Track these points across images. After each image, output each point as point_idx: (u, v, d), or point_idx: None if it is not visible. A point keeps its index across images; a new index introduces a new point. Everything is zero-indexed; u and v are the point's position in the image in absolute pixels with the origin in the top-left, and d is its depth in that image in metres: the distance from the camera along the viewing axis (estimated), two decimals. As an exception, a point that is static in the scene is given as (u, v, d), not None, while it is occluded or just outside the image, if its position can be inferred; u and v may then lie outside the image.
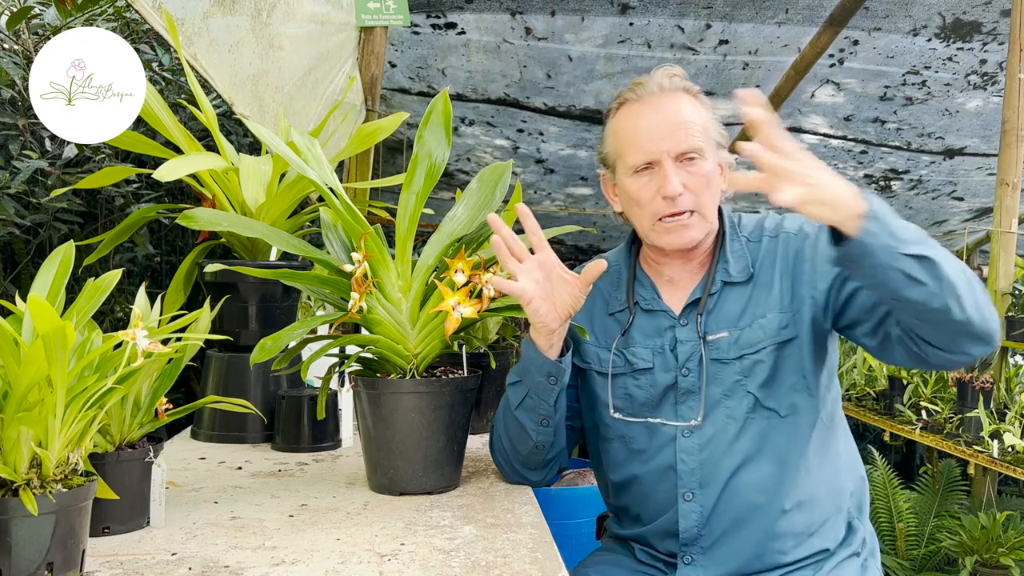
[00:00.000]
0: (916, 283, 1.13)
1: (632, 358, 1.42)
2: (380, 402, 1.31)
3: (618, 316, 1.46)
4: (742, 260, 1.42)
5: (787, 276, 1.39)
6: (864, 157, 4.35)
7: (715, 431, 1.36)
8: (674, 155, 1.35)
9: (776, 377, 1.36)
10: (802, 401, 1.36)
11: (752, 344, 1.36)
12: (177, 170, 1.37)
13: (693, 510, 1.36)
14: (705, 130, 1.37)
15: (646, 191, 1.37)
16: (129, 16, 2.65)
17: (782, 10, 3.16)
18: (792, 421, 1.36)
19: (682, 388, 1.38)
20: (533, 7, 3.14)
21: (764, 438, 1.35)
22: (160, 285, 2.73)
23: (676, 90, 1.39)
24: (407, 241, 1.35)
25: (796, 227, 1.43)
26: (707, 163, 1.36)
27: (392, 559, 1.04)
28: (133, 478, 1.13)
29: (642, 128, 1.37)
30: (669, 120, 1.36)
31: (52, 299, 1.03)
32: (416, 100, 3.83)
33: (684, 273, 1.44)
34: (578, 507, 2.66)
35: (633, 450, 1.42)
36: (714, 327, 1.39)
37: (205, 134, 2.49)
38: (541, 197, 5.05)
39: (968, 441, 2.88)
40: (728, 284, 1.41)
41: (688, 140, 1.35)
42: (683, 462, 1.37)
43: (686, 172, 1.35)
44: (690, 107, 1.38)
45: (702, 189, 1.36)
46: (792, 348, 1.36)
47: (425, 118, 1.36)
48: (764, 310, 1.38)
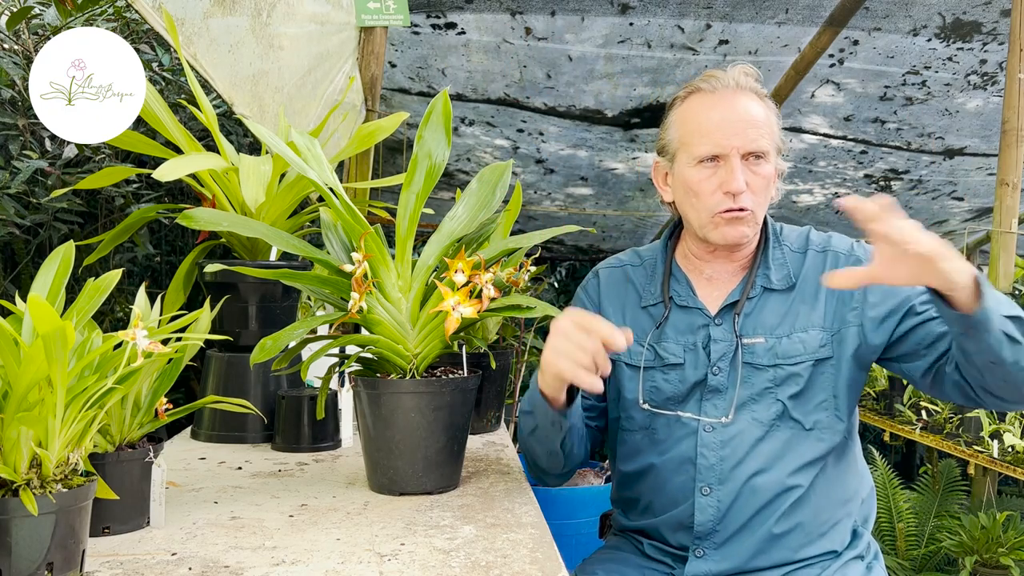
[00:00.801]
0: (1014, 343, 1.16)
1: (664, 353, 1.43)
2: (380, 402, 1.31)
3: (651, 310, 1.47)
4: (783, 269, 1.42)
5: (832, 296, 1.39)
6: (864, 157, 4.35)
7: (739, 431, 1.37)
8: (743, 152, 1.36)
9: (807, 392, 1.37)
10: (828, 419, 1.38)
11: (789, 356, 1.37)
12: (177, 170, 1.37)
13: (710, 504, 1.37)
14: (772, 134, 1.39)
15: (708, 184, 1.37)
16: (129, 16, 2.65)
17: (782, 10, 3.16)
18: (816, 436, 1.37)
19: (711, 386, 1.40)
20: (533, 7, 3.14)
21: (787, 446, 1.36)
22: (160, 285, 2.73)
23: (749, 90, 1.40)
24: (407, 241, 1.35)
25: (846, 248, 1.44)
26: (769, 166, 1.38)
27: (392, 559, 1.04)
28: (133, 478, 1.13)
29: (714, 120, 1.37)
30: (743, 117, 1.37)
31: (52, 299, 1.03)
32: (416, 100, 3.83)
33: (725, 273, 1.45)
34: (578, 507, 2.66)
35: (654, 440, 1.43)
36: (751, 331, 1.39)
37: (205, 134, 2.49)
38: (541, 197, 5.05)
39: (968, 441, 2.88)
40: (768, 290, 1.41)
41: (759, 140, 1.36)
42: (703, 456, 1.38)
43: (751, 171, 1.36)
44: (761, 109, 1.39)
45: (761, 190, 1.38)
46: (827, 368, 1.37)
47: (425, 118, 1.36)
48: (805, 324, 1.38)
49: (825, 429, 1.38)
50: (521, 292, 1.43)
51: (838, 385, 1.38)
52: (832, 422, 1.38)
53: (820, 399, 1.37)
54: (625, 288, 1.51)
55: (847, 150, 4.30)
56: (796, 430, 1.37)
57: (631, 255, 1.57)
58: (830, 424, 1.38)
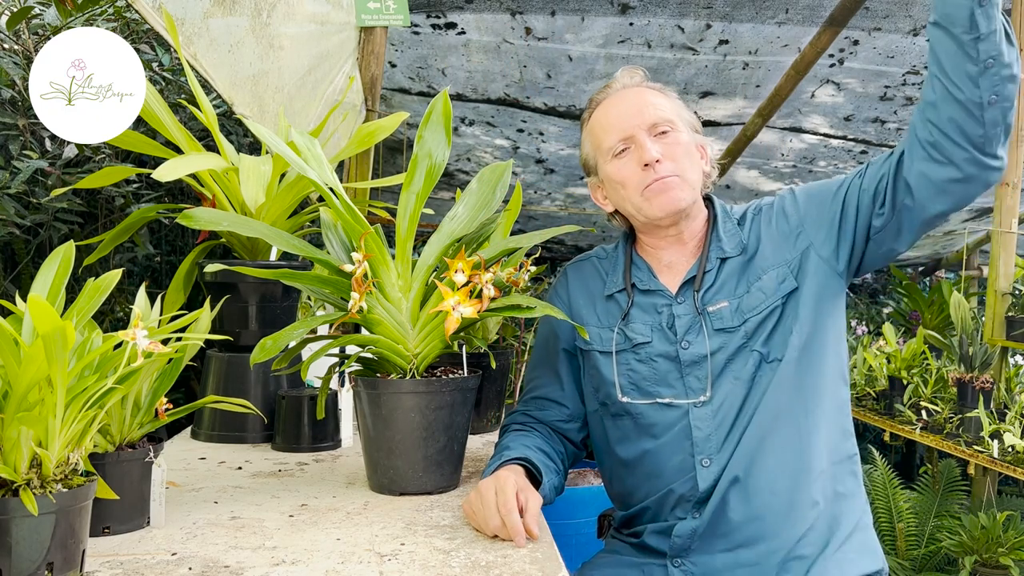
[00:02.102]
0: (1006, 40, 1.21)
1: (631, 334, 1.46)
2: (380, 402, 1.31)
3: (617, 297, 1.51)
4: (735, 238, 1.48)
5: (777, 237, 1.46)
6: (864, 157, 4.35)
7: (724, 396, 1.40)
8: (646, 128, 1.43)
9: (779, 327, 1.41)
10: (806, 347, 1.40)
11: (753, 307, 1.41)
12: (177, 170, 1.37)
13: (712, 473, 1.39)
14: (673, 109, 1.47)
15: (627, 168, 1.44)
16: (129, 16, 2.65)
17: (782, 10, 3.16)
18: (796, 367, 1.39)
19: (685, 360, 1.42)
20: (533, 7, 3.14)
21: (770, 394, 1.38)
22: (160, 285, 2.73)
23: (640, 85, 1.50)
24: (407, 241, 1.35)
25: (772, 199, 1.53)
26: (682, 135, 1.45)
27: (392, 559, 1.05)
28: (133, 478, 1.13)
29: (612, 115, 1.47)
30: (637, 101, 1.46)
31: (52, 299, 1.03)
32: (416, 100, 3.83)
33: (681, 257, 1.50)
34: (578, 507, 2.66)
35: (642, 425, 1.44)
36: (713, 299, 1.44)
37: (205, 134, 2.49)
38: (541, 197, 5.05)
39: (968, 441, 2.88)
40: (724, 260, 1.46)
41: (657, 113, 1.44)
42: (698, 429, 1.40)
43: (662, 143, 1.43)
44: (656, 94, 1.48)
45: (680, 156, 1.44)
46: (795, 299, 1.41)
47: (425, 118, 1.36)
48: (759, 273, 1.43)
49: (806, 359, 1.40)
50: (521, 292, 1.43)
51: (808, 313, 1.40)
52: (814, 350, 1.40)
53: (795, 328, 1.40)
54: (593, 280, 1.56)
55: (847, 150, 4.30)
56: (776, 369, 1.39)
57: (598, 250, 1.62)
58: (813, 354, 1.40)
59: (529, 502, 1.19)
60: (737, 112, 3.87)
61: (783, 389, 1.38)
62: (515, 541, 1.11)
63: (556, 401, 1.54)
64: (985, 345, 2.96)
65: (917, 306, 5.18)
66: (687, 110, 1.50)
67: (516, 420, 1.53)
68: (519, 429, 1.49)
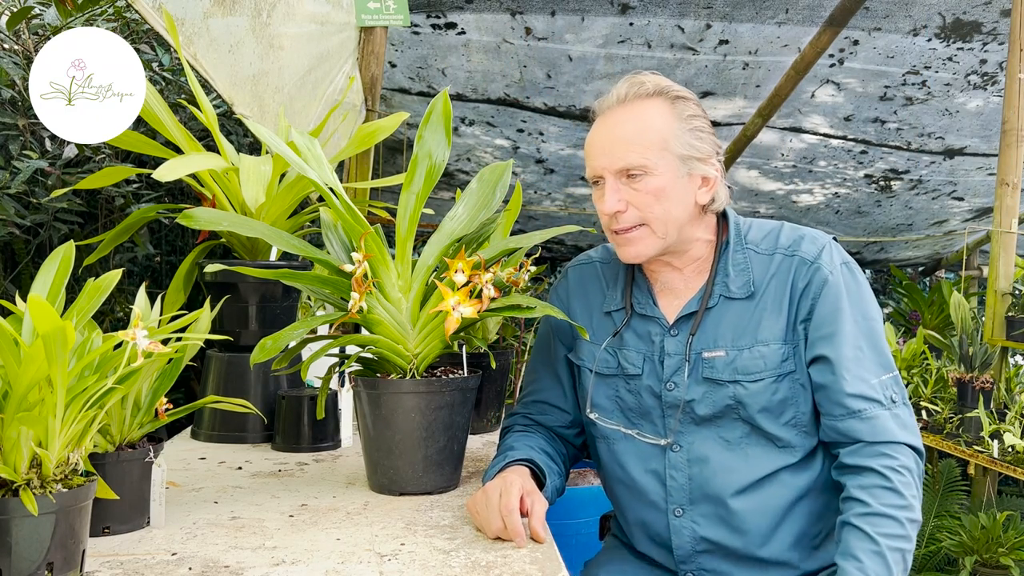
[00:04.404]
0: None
1: (624, 362, 1.40)
2: (380, 402, 1.31)
3: (614, 315, 1.45)
4: (744, 275, 1.35)
5: (793, 306, 1.33)
6: (864, 157, 4.35)
7: (707, 451, 1.34)
8: (613, 172, 1.32)
9: (772, 409, 1.32)
10: (795, 437, 1.33)
11: (749, 372, 1.31)
12: (177, 170, 1.37)
13: (684, 527, 1.36)
14: (657, 144, 1.30)
15: (600, 203, 1.35)
16: (129, 16, 2.65)
17: (782, 10, 3.16)
18: (789, 452, 1.33)
19: (667, 401, 1.36)
20: (533, 7, 3.14)
21: (759, 464, 1.32)
22: (160, 285, 2.73)
23: (639, 98, 1.34)
24: (407, 241, 1.35)
25: (814, 255, 1.34)
26: (655, 179, 1.30)
27: (392, 559, 1.04)
28: (133, 478, 1.13)
29: (593, 143, 1.36)
30: (610, 135, 1.33)
31: (52, 299, 1.03)
32: (416, 100, 3.83)
33: (679, 282, 1.40)
34: (578, 507, 2.65)
35: (614, 451, 1.42)
36: (710, 343, 1.34)
37: (205, 134, 2.49)
38: (541, 197, 5.05)
39: (968, 441, 2.88)
40: (728, 299, 1.35)
41: (625, 157, 1.30)
42: (672, 478, 1.36)
43: (630, 188, 1.31)
44: (641, 121, 1.32)
45: (649, 204, 1.30)
46: (789, 382, 1.32)
47: (425, 118, 1.36)
48: (767, 337, 1.32)
49: (798, 445, 1.33)
50: (521, 292, 1.43)
51: (801, 400, 1.32)
52: (803, 440, 1.33)
53: (789, 415, 1.32)
54: (593, 289, 1.48)
55: (847, 150, 4.30)
56: (769, 448, 1.32)
57: (602, 251, 1.53)
58: (802, 441, 1.33)
59: (535, 506, 1.18)
60: (737, 112, 3.87)
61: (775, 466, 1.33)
62: (515, 542, 1.11)
63: (558, 406, 1.51)
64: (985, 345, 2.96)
65: (917, 306, 5.18)
66: (687, 132, 1.32)
67: (518, 422, 1.50)
68: (522, 430, 1.47)
